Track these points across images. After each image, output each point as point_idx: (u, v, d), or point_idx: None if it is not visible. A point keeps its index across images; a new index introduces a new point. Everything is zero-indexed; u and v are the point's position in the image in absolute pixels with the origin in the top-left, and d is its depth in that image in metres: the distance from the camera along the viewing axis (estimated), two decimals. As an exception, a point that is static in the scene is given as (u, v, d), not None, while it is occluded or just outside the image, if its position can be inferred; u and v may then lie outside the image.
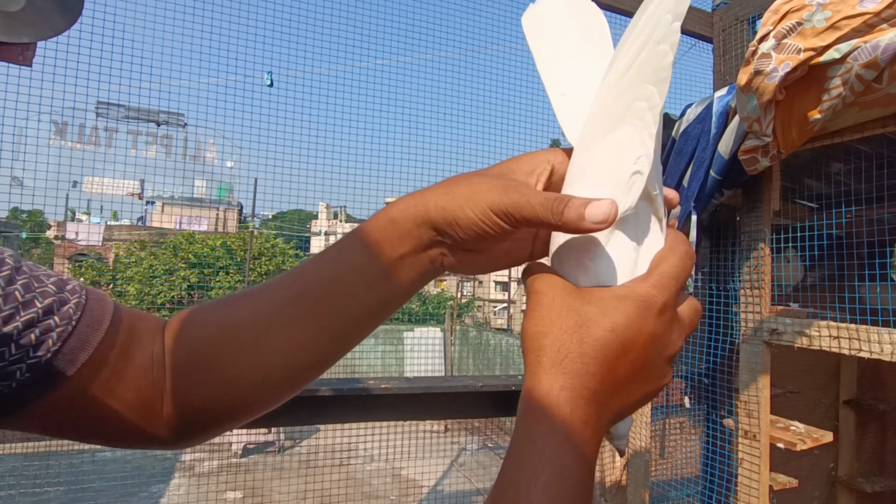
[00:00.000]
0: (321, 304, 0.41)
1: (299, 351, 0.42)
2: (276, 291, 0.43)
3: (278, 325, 0.41)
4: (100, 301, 0.41)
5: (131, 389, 0.41)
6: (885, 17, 1.05)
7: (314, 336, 0.42)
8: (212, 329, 0.43)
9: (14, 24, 1.29)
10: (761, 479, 1.46)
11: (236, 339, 0.42)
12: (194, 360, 0.42)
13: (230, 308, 0.43)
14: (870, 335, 1.22)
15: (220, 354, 0.42)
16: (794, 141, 1.25)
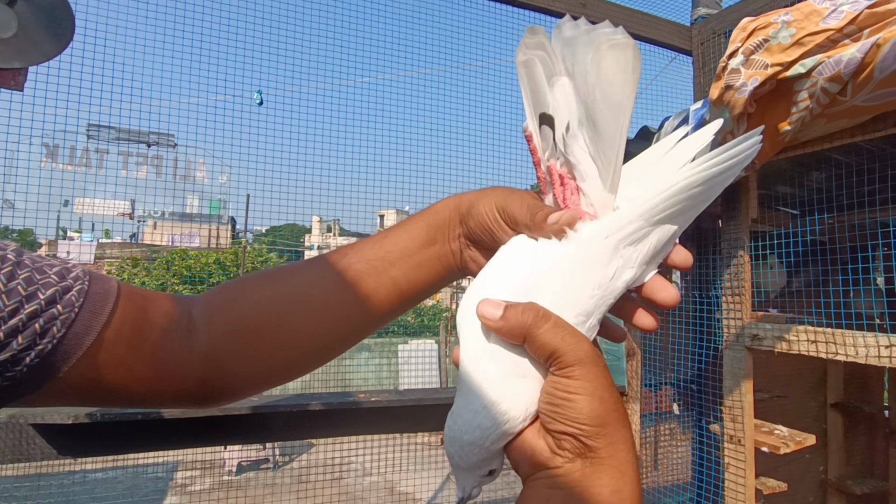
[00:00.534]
0: (358, 280, 0.47)
1: (334, 321, 0.47)
2: (321, 264, 0.48)
3: (317, 297, 0.47)
4: (103, 285, 0.43)
5: (151, 361, 0.44)
6: (848, 33, 1.10)
7: (349, 309, 0.47)
8: (253, 298, 0.47)
9: (6, 51, 1.32)
10: (747, 484, 1.49)
11: (276, 306, 0.46)
12: (235, 330, 0.46)
13: (273, 280, 0.48)
14: (845, 339, 1.26)
15: (262, 323, 0.46)
16: (767, 151, 1.29)
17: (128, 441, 1.37)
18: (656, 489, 2.01)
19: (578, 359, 0.35)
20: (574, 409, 0.35)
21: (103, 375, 0.42)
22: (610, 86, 0.40)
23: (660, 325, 0.46)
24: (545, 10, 2.00)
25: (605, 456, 0.35)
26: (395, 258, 0.47)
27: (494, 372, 0.39)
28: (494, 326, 0.37)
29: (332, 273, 0.47)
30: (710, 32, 2.17)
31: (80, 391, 0.42)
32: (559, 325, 0.37)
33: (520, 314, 0.37)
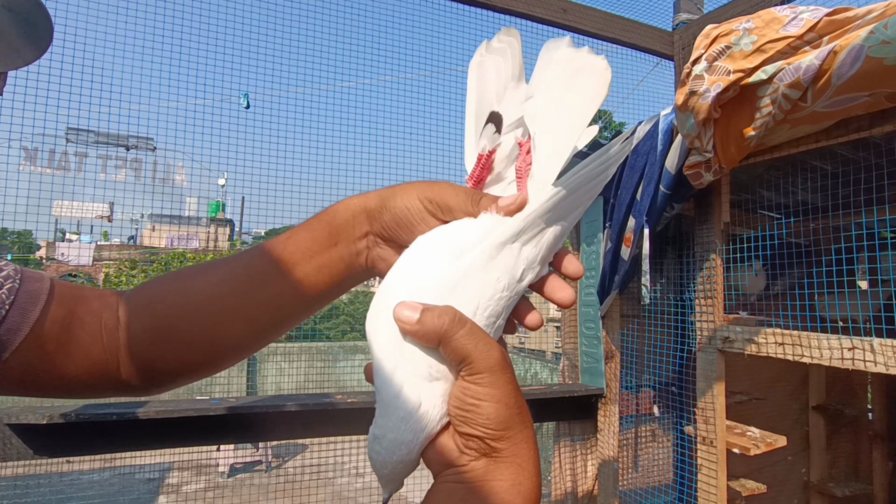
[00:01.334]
0: (264, 279, 0.47)
1: (242, 319, 0.48)
2: (231, 266, 0.49)
3: (228, 296, 0.48)
4: (35, 283, 0.45)
5: (80, 357, 0.46)
6: (808, 40, 1.12)
7: (257, 307, 0.48)
8: (169, 299, 0.48)
9: (-16, 55, 1.34)
10: (719, 485, 1.50)
11: (188, 306, 0.48)
12: (152, 329, 0.48)
13: (187, 279, 0.49)
14: (811, 341, 1.27)
15: (176, 321, 0.48)
16: (734, 156, 1.31)
17: (103, 441, 1.38)
18: (636, 490, 2.02)
19: (489, 366, 0.36)
20: (481, 415, 0.36)
21: (35, 370, 0.44)
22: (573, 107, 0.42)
23: (543, 323, 0.47)
24: (526, 16, 2.02)
25: (508, 455, 0.37)
26: (297, 259, 0.47)
27: (410, 376, 0.39)
28: (411, 330, 0.37)
29: (240, 273, 0.48)
30: (690, 37, 2.19)
31: (15, 384, 0.44)
32: (474, 331, 0.37)
33: (436, 318, 0.37)
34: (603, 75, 0.42)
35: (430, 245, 0.43)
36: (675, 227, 1.99)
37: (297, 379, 5.81)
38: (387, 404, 0.39)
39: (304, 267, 0.47)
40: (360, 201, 0.47)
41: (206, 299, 0.47)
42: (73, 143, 1.81)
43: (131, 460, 5.24)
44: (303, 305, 0.49)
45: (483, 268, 0.40)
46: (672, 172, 1.43)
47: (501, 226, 0.41)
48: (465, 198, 0.43)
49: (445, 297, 0.39)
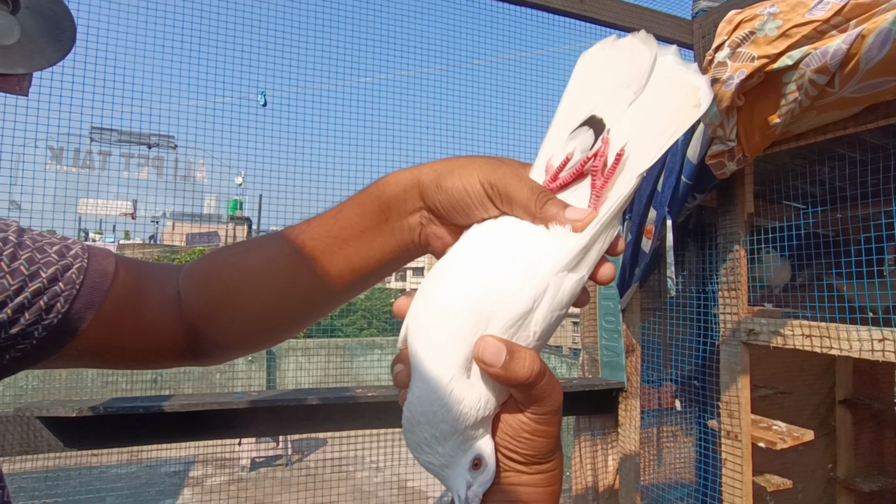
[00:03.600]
0: (315, 256, 0.47)
1: (295, 297, 0.48)
2: (281, 242, 0.48)
3: (279, 274, 0.48)
4: (102, 261, 0.46)
5: (147, 329, 0.48)
6: (834, 24, 1.09)
7: (309, 285, 0.48)
8: (223, 276, 0.50)
9: (10, 57, 1.37)
10: (744, 479, 1.48)
11: (242, 284, 0.49)
12: (208, 304, 0.49)
13: (240, 256, 0.50)
14: (839, 333, 1.25)
15: (228, 298, 0.49)
16: (758, 145, 1.28)
17: (130, 434, 1.41)
18: (658, 485, 2.01)
19: (554, 409, 0.37)
20: (532, 447, 0.37)
21: (106, 343, 0.46)
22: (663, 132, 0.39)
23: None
24: (543, 7, 2.00)
25: (545, 470, 0.38)
26: (347, 235, 0.46)
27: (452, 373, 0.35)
28: (493, 374, 0.35)
29: (289, 250, 0.47)
30: (711, 25, 2.15)
31: (91, 356, 0.47)
32: (550, 378, 0.36)
33: (524, 368, 0.34)
34: (701, 99, 0.39)
35: (498, 253, 0.38)
36: (697, 218, 1.96)
37: (316, 374, 5.86)
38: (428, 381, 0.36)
39: (355, 243, 0.46)
40: (411, 175, 0.43)
41: (257, 278, 0.48)
42: (96, 141, 1.85)
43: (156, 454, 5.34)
44: (354, 282, 0.48)
45: (552, 297, 0.37)
46: (694, 162, 1.41)
47: (570, 245, 0.37)
48: (530, 194, 0.38)
49: (513, 323, 0.36)
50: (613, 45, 0.44)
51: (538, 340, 0.37)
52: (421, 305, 0.38)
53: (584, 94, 0.44)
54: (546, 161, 0.42)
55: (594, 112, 0.42)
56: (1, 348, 0.41)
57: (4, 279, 0.40)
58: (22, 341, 0.41)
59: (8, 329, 0.40)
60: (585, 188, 0.40)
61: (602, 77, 0.44)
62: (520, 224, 0.40)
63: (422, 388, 0.35)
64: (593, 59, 0.45)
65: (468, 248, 0.40)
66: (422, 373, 0.36)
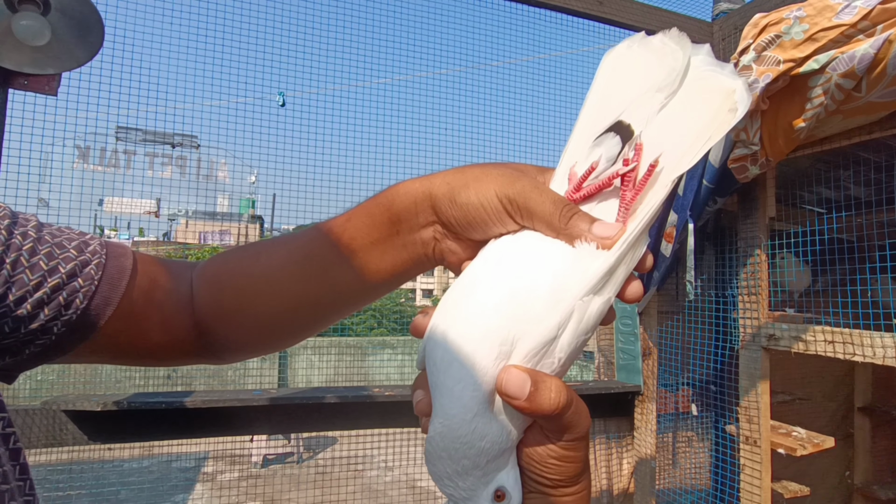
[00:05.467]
0: (325, 265, 0.46)
1: (305, 305, 0.48)
2: (290, 247, 0.48)
3: (288, 280, 0.48)
4: (119, 258, 0.47)
5: (163, 326, 0.48)
6: (861, 28, 1.08)
7: (319, 293, 0.47)
8: (234, 281, 0.50)
9: (40, 58, 1.40)
10: (763, 486, 1.47)
11: (253, 289, 0.49)
12: (218, 307, 0.49)
13: (251, 260, 0.50)
14: (863, 339, 1.23)
15: (239, 302, 0.49)
16: (782, 149, 1.27)
17: (153, 428, 1.43)
18: (674, 490, 2.00)
19: (581, 435, 0.36)
20: (560, 474, 0.36)
21: (123, 339, 0.46)
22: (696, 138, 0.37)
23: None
24: (562, 9, 2.00)
25: (571, 493, 0.37)
26: (357, 246, 0.44)
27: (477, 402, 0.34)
28: (517, 406, 0.33)
29: (300, 258, 0.47)
30: (731, 28, 2.14)
31: (109, 352, 0.47)
32: (578, 407, 0.35)
33: (551, 399, 0.33)
34: (738, 103, 0.36)
35: (519, 276, 0.36)
36: (716, 222, 1.94)
37: (327, 373, 5.90)
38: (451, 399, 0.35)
39: (366, 254, 0.44)
40: (423, 187, 0.41)
41: (268, 284, 0.48)
42: (122, 141, 1.88)
43: (170, 449, 5.41)
44: (364, 291, 0.47)
45: (577, 322, 0.35)
46: (716, 166, 1.40)
47: (596, 266, 0.35)
48: (553, 208, 0.36)
49: (538, 352, 0.34)
50: (642, 44, 0.41)
51: (563, 367, 0.35)
52: (440, 333, 0.35)
53: (610, 96, 0.41)
54: (569, 168, 0.40)
55: (621, 117, 0.39)
56: (21, 343, 0.41)
57: (24, 274, 0.40)
58: (41, 337, 0.41)
59: (28, 324, 0.40)
60: (611, 199, 0.38)
61: (630, 78, 0.41)
62: (541, 241, 0.37)
63: (443, 425, 0.34)
64: (620, 58, 0.42)
65: (487, 270, 0.37)
66: (444, 408, 0.34)
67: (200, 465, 5.80)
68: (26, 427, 1.37)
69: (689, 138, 0.37)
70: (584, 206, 0.38)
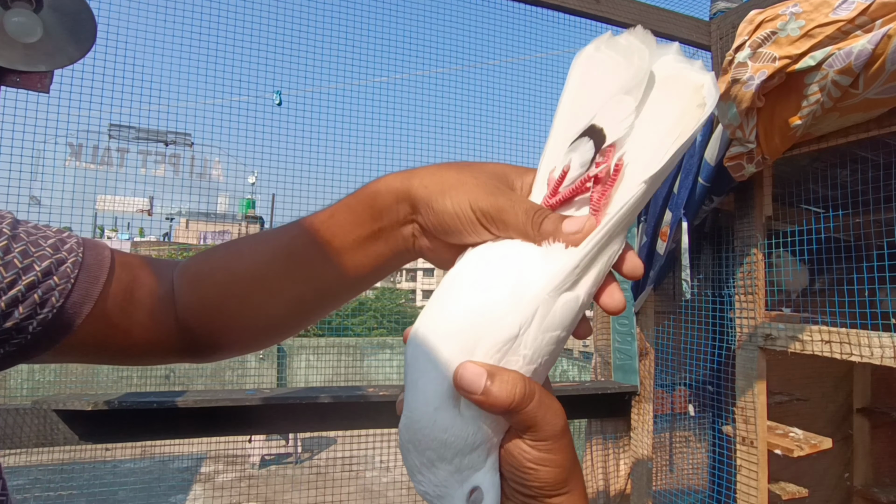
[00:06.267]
0: (308, 262, 0.46)
1: (290, 302, 0.48)
2: (273, 245, 0.48)
3: (272, 278, 0.47)
4: (98, 255, 0.46)
5: (142, 324, 0.48)
6: (859, 24, 1.07)
7: (303, 290, 0.47)
8: (216, 278, 0.49)
9: (32, 55, 1.39)
10: (759, 487, 1.45)
11: (236, 287, 0.48)
12: (200, 305, 0.49)
13: (233, 258, 0.50)
14: (860, 339, 1.22)
15: (222, 301, 0.49)
16: (778, 147, 1.26)
17: (144, 428, 1.42)
18: (671, 491, 1.98)
19: (553, 434, 0.35)
20: (539, 479, 0.34)
21: (101, 338, 0.45)
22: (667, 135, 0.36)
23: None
24: (557, 7, 1.99)
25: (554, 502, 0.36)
26: (339, 241, 0.45)
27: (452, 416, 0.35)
28: (475, 400, 0.33)
29: (282, 255, 0.47)
30: (729, 27, 2.13)
31: (84, 351, 0.46)
32: (542, 400, 0.35)
33: (506, 391, 0.33)
34: (706, 98, 0.36)
35: (487, 278, 0.36)
36: (713, 221, 1.93)
37: (326, 373, 5.89)
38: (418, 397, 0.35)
39: (349, 250, 0.45)
40: (402, 185, 0.41)
41: (250, 280, 0.47)
42: (115, 138, 1.87)
43: (167, 450, 5.40)
44: (347, 287, 0.48)
45: (542, 319, 0.35)
46: (712, 164, 1.39)
47: (563, 261, 0.35)
48: (524, 218, 0.36)
49: (499, 349, 0.34)
50: (609, 44, 0.41)
51: (532, 363, 0.35)
52: (414, 334, 0.37)
53: (582, 99, 0.41)
54: (548, 173, 0.40)
55: (594, 121, 0.38)
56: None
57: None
58: (16, 336, 0.41)
59: (1, 323, 0.39)
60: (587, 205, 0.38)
61: (599, 80, 0.41)
62: (517, 245, 0.37)
63: (407, 416, 0.35)
64: (589, 60, 0.42)
65: (460, 275, 0.38)
66: (409, 400, 0.35)
67: (198, 465, 5.78)
68: (17, 426, 1.36)
69: (660, 137, 0.37)
70: (563, 211, 0.38)
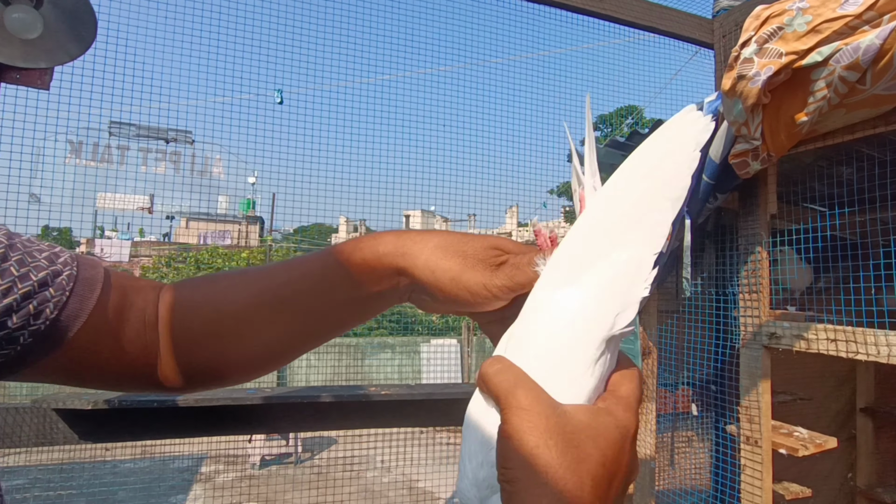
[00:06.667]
0: (298, 311, 0.47)
1: (275, 343, 0.49)
2: (262, 287, 0.48)
3: (258, 320, 0.47)
4: (91, 270, 0.45)
5: (127, 348, 0.46)
6: (867, 19, 1.06)
7: (290, 335, 0.48)
8: (203, 313, 0.48)
9: (32, 51, 1.38)
10: (764, 486, 1.44)
11: (223, 325, 0.48)
12: (186, 337, 0.48)
13: (220, 294, 0.49)
14: (866, 337, 1.21)
15: (207, 336, 0.48)
16: (784, 144, 1.25)
17: (144, 428, 1.41)
18: (674, 490, 1.97)
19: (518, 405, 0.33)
20: (499, 454, 0.33)
21: (85, 357, 0.44)
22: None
23: None
24: (560, 5, 1.98)
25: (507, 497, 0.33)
26: (333, 297, 0.46)
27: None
28: (479, 385, 0.36)
29: (273, 301, 0.47)
30: (732, 24, 2.12)
31: (65, 370, 0.44)
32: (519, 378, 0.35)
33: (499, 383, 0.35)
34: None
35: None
36: (716, 220, 1.92)
37: (326, 373, 5.89)
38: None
39: (341, 305, 0.46)
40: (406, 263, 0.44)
41: (235, 318, 0.47)
42: (115, 136, 1.87)
43: (167, 449, 5.38)
44: (334, 332, 0.49)
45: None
46: (716, 161, 1.38)
47: None
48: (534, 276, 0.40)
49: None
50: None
51: None
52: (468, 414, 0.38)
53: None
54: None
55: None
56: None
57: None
58: (6, 346, 0.39)
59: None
60: None
61: None
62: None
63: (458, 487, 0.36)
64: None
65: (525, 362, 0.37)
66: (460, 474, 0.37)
67: (198, 465, 5.77)
68: (17, 425, 1.35)
69: None
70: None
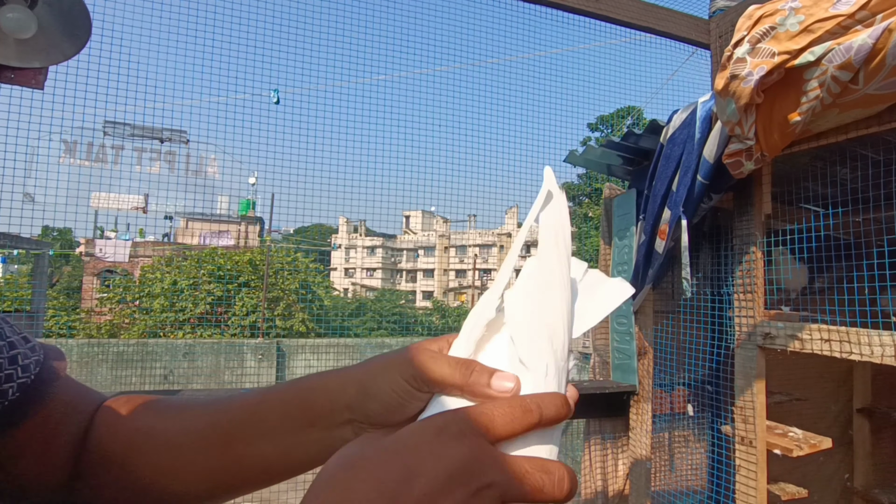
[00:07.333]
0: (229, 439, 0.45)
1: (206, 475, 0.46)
2: (197, 413, 0.47)
3: (189, 447, 0.45)
4: (54, 361, 0.45)
5: (63, 450, 0.45)
6: (860, 19, 1.06)
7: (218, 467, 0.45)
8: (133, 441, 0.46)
9: (26, 51, 1.38)
10: (759, 487, 1.44)
11: (152, 453, 0.46)
12: (105, 457, 0.46)
13: (153, 419, 0.47)
14: (860, 337, 1.21)
15: (127, 460, 0.46)
16: (777, 143, 1.25)
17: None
18: (670, 491, 1.97)
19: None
20: None
21: (15, 451, 0.42)
22: None
23: None
24: (557, 5, 1.98)
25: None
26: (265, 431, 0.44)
27: None
28: None
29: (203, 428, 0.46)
30: (728, 25, 2.12)
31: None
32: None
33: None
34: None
35: None
36: (711, 220, 1.92)
37: (326, 374, 5.89)
38: None
39: (273, 441, 0.44)
40: (339, 388, 0.43)
41: (166, 447, 0.45)
42: (110, 135, 1.87)
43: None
44: (268, 476, 0.46)
45: None
46: (710, 161, 1.38)
47: None
48: (450, 370, 0.39)
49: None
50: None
51: None
52: None
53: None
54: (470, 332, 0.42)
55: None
56: None
57: None
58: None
59: None
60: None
61: None
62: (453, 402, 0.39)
63: None
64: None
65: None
66: None
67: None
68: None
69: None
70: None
